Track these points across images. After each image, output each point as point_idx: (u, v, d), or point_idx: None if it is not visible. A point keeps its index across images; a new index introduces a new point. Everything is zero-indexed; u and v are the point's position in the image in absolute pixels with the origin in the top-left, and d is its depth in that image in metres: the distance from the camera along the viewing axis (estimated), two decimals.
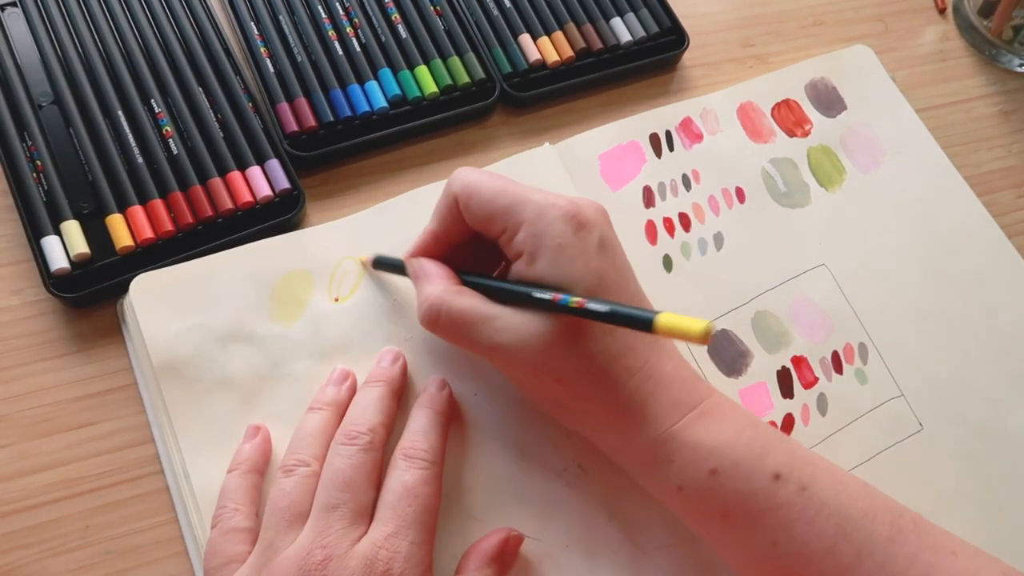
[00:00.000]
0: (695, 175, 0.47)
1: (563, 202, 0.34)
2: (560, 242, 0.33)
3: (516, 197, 0.34)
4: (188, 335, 0.38)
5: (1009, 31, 0.55)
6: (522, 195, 0.34)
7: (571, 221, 0.33)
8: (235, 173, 0.43)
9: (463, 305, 0.34)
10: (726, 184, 0.47)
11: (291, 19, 0.48)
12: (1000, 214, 0.49)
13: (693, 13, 0.54)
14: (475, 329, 0.34)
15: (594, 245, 0.33)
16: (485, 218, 0.35)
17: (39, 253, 0.40)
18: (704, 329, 0.27)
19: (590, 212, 0.34)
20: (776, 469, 0.32)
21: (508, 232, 0.34)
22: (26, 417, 0.38)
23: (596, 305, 0.30)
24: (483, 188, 0.35)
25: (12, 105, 0.43)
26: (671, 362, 0.35)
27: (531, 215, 0.33)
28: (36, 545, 0.36)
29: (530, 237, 0.33)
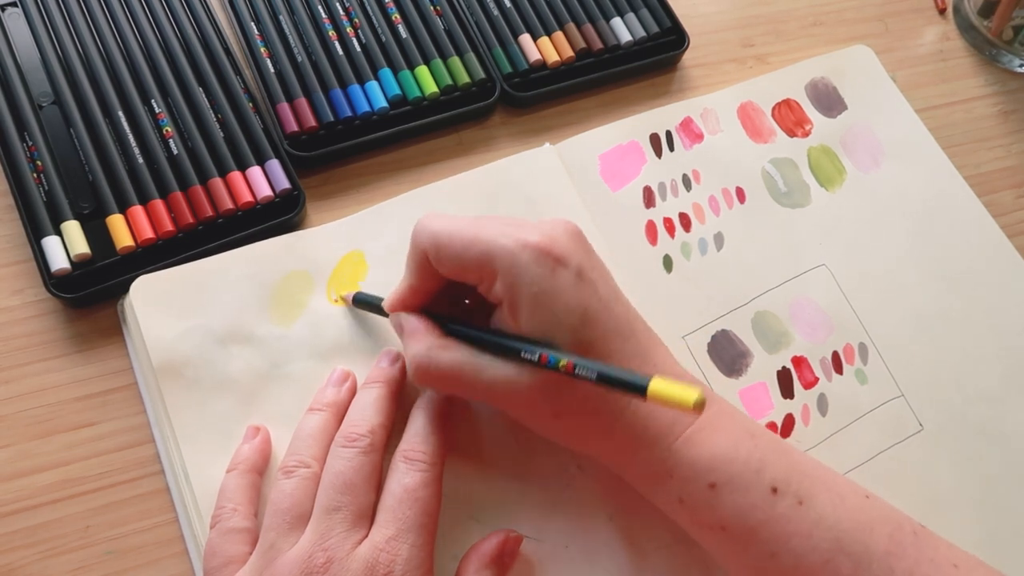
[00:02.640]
0: (695, 175, 0.47)
1: (535, 238, 0.32)
2: (536, 290, 0.32)
3: (486, 246, 0.32)
4: (188, 336, 0.38)
5: (1009, 31, 0.55)
6: (492, 243, 0.32)
7: (545, 261, 0.32)
8: (235, 173, 0.43)
9: (450, 360, 0.34)
10: (726, 184, 0.47)
11: (291, 19, 0.48)
12: (1000, 214, 0.49)
13: (693, 13, 0.54)
14: (466, 381, 0.33)
15: (571, 280, 0.32)
16: (458, 271, 0.34)
17: (39, 253, 0.40)
18: (696, 400, 0.27)
19: (564, 243, 0.33)
20: (773, 482, 0.32)
21: (484, 283, 0.33)
22: (26, 417, 0.38)
23: (585, 369, 0.30)
24: (452, 241, 0.33)
25: (12, 105, 0.43)
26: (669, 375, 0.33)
27: (504, 264, 0.32)
28: (36, 545, 0.36)
29: (506, 288, 0.32)
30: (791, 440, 0.41)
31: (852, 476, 0.41)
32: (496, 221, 0.34)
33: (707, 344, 0.43)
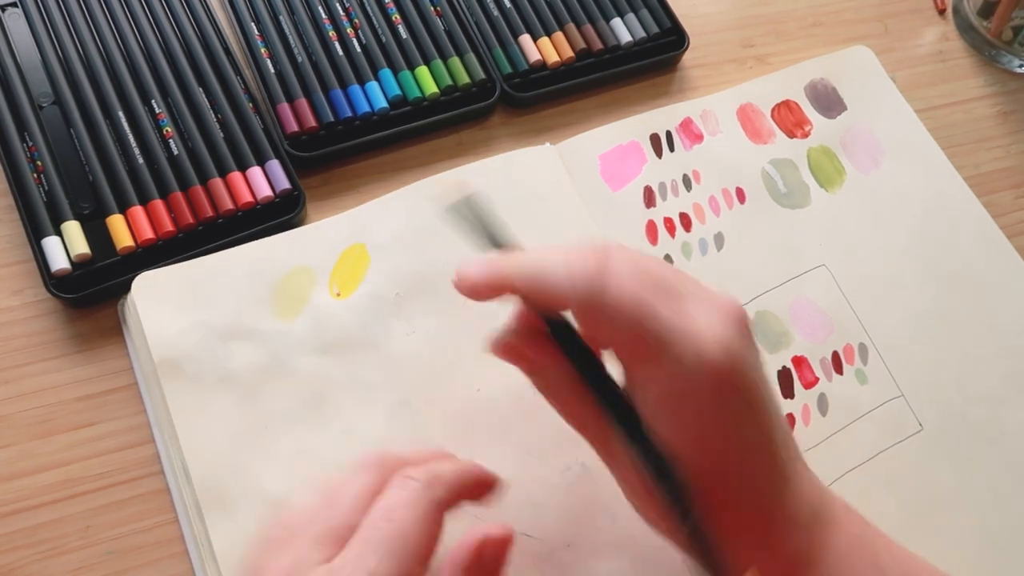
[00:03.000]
0: (695, 175, 0.47)
1: (714, 354, 0.27)
2: (688, 403, 0.28)
3: (664, 332, 0.28)
4: (190, 332, 0.38)
5: (1009, 32, 0.55)
6: (670, 331, 0.28)
7: (716, 384, 0.28)
8: (235, 173, 0.43)
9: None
10: (726, 185, 0.47)
11: (291, 19, 0.48)
12: (1000, 214, 0.50)
13: (693, 13, 0.54)
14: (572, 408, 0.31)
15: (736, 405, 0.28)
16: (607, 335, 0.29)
17: (39, 253, 0.40)
18: None
19: (740, 364, 0.28)
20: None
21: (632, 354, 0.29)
22: (26, 417, 0.38)
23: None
24: (610, 302, 0.28)
25: (12, 105, 0.43)
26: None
27: (675, 360, 0.28)
28: (36, 545, 0.36)
29: (657, 381, 0.29)
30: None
31: (852, 476, 0.41)
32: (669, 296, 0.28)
33: None
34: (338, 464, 0.37)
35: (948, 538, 0.40)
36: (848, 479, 0.41)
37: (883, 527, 0.40)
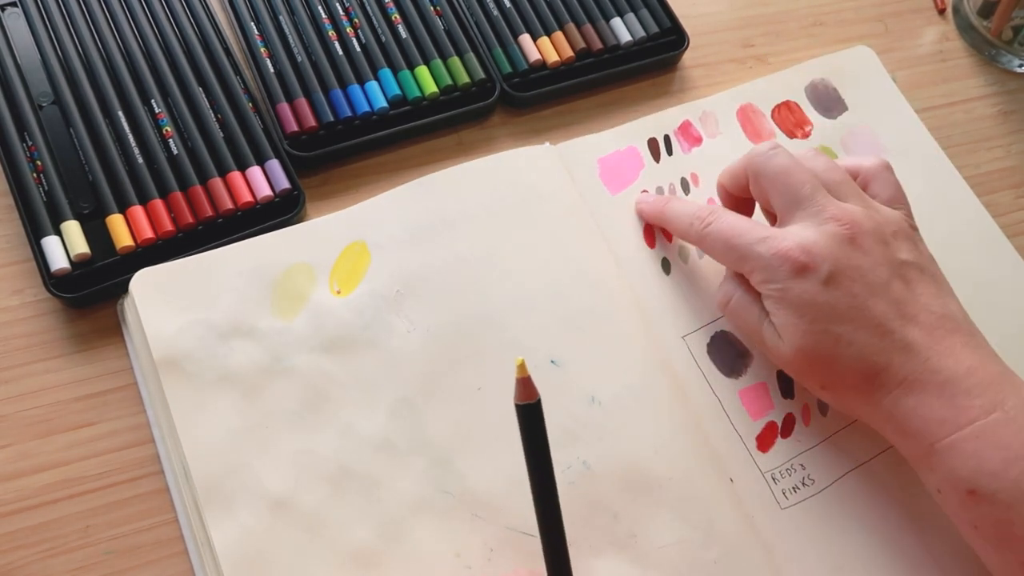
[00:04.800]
0: (694, 178, 0.47)
1: (787, 245, 0.37)
2: (781, 287, 0.37)
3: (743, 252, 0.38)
4: (189, 330, 0.38)
5: (1009, 31, 0.55)
6: (748, 249, 0.38)
7: (792, 268, 0.36)
8: (235, 173, 0.43)
9: (739, 301, 0.40)
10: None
11: (291, 19, 0.48)
12: (1000, 214, 0.50)
13: (693, 13, 0.54)
14: (750, 323, 0.40)
15: (819, 283, 0.36)
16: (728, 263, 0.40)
17: (39, 253, 0.40)
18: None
19: (819, 248, 0.36)
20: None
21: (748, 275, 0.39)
22: (26, 417, 0.38)
23: None
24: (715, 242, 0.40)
25: (12, 105, 0.43)
26: (942, 373, 0.35)
27: (756, 267, 0.38)
28: (36, 545, 0.36)
29: (760, 286, 0.38)
30: (791, 440, 0.41)
31: (852, 476, 0.41)
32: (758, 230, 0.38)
33: (707, 344, 0.43)
34: (339, 463, 0.37)
35: (948, 538, 0.40)
36: (848, 479, 0.41)
37: (883, 527, 0.40)
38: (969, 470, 0.33)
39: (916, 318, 0.36)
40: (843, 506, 0.40)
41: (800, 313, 0.36)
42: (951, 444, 0.34)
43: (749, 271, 0.38)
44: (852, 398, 0.37)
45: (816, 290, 0.36)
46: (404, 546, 0.36)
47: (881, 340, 0.36)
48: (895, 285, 0.37)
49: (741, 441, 0.41)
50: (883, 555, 0.39)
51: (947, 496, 0.35)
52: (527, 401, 0.31)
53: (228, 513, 0.36)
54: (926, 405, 0.35)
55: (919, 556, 0.39)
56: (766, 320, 0.39)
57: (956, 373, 0.35)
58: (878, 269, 0.37)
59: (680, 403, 0.41)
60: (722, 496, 0.39)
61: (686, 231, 0.42)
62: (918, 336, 0.36)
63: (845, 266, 0.36)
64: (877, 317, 0.36)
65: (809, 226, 0.37)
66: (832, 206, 0.38)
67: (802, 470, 0.41)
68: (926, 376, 0.35)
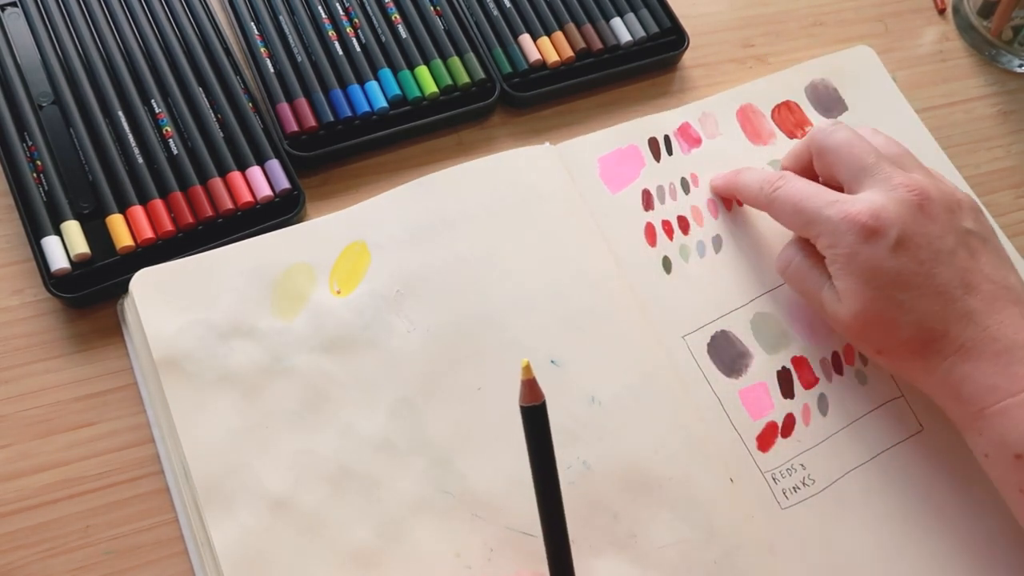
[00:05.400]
0: (694, 179, 0.47)
1: (856, 209, 0.37)
2: (848, 251, 0.37)
3: (812, 215, 0.39)
4: (189, 330, 0.38)
5: (1009, 31, 0.55)
6: (816, 213, 0.38)
7: (859, 231, 0.37)
8: (235, 173, 0.43)
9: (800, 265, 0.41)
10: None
11: (291, 19, 0.48)
12: (1000, 214, 0.50)
13: (693, 13, 0.54)
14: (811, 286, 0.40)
15: (886, 249, 0.36)
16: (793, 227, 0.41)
17: (39, 253, 0.40)
18: None
19: (888, 213, 0.37)
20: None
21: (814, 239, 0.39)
22: (26, 417, 0.38)
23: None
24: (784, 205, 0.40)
25: (12, 105, 0.43)
26: (1000, 342, 0.36)
27: (823, 231, 0.38)
28: (36, 545, 0.36)
29: (826, 250, 0.38)
30: (791, 440, 0.41)
31: (853, 476, 0.41)
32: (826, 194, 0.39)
33: (707, 344, 0.43)
34: (339, 463, 0.37)
35: (949, 539, 0.40)
36: (848, 479, 0.41)
37: (883, 527, 0.40)
38: (1019, 435, 0.34)
39: (978, 287, 0.37)
40: (843, 506, 0.40)
41: (865, 279, 0.37)
42: (1002, 410, 0.35)
43: (816, 235, 0.39)
44: (907, 362, 0.38)
45: (884, 255, 0.36)
46: (404, 546, 0.36)
47: (943, 308, 0.36)
48: (960, 253, 0.37)
49: (741, 441, 0.41)
50: (883, 555, 0.39)
51: (994, 460, 0.36)
52: (532, 403, 0.31)
53: (228, 513, 0.36)
54: (981, 371, 0.36)
55: (919, 555, 0.39)
56: (827, 284, 0.39)
57: (1014, 342, 0.36)
58: (946, 237, 0.37)
59: (680, 403, 0.41)
60: (722, 496, 0.39)
61: (756, 195, 0.42)
62: (978, 305, 0.36)
63: (914, 232, 0.37)
64: (941, 285, 0.36)
65: (878, 192, 0.38)
66: (899, 175, 0.38)
67: (802, 470, 0.41)
68: (984, 344, 0.36)
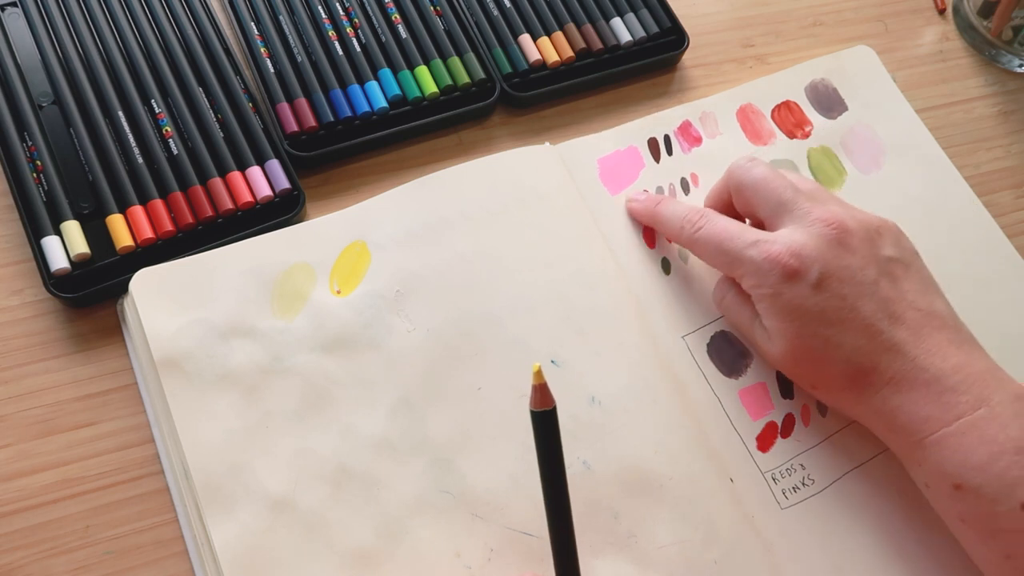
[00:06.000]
0: (694, 179, 0.47)
1: (776, 250, 0.37)
2: (772, 291, 0.37)
3: (735, 256, 0.38)
4: (189, 330, 0.38)
5: (1009, 31, 0.55)
6: (739, 253, 0.38)
7: (783, 272, 0.37)
8: (235, 173, 0.43)
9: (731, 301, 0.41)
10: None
11: (291, 19, 0.48)
12: (1000, 214, 0.50)
13: (693, 13, 0.54)
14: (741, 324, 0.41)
15: (809, 287, 0.36)
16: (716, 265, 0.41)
17: (39, 253, 0.40)
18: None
19: (808, 252, 0.37)
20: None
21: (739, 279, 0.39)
22: (26, 417, 0.38)
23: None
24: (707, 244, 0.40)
25: (12, 105, 0.43)
26: (929, 371, 0.35)
27: (747, 272, 0.38)
28: (36, 545, 0.36)
29: (752, 289, 0.38)
30: (791, 440, 0.41)
31: (852, 476, 0.41)
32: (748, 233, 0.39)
33: (706, 344, 0.43)
34: (339, 463, 0.37)
35: (948, 537, 0.40)
36: (848, 479, 0.41)
37: (883, 527, 0.40)
38: (955, 464, 0.34)
39: (903, 316, 0.37)
40: (843, 506, 0.40)
41: (790, 317, 0.37)
42: (938, 440, 0.35)
43: (740, 275, 0.39)
44: (842, 397, 0.38)
45: (806, 294, 0.37)
46: (404, 546, 0.36)
47: (869, 341, 0.36)
48: (882, 284, 0.37)
49: (741, 441, 0.41)
50: (883, 555, 0.39)
51: (935, 490, 0.36)
52: (543, 408, 0.31)
53: (228, 513, 0.36)
54: (913, 402, 0.35)
55: (919, 556, 0.39)
56: (757, 321, 0.40)
57: (943, 371, 0.35)
58: (867, 268, 0.37)
59: (680, 403, 0.41)
60: (722, 496, 0.39)
61: (677, 234, 0.42)
62: (905, 335, 0.36)
63: (835, 268, 0.37)
64: (866, 318, 0.36)
65: (797, 229, 0.38)
66: (817, 208, 0.38)
67: (802, 470, 0.41)
68: (913, 374, 0.36)
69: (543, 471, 0.32)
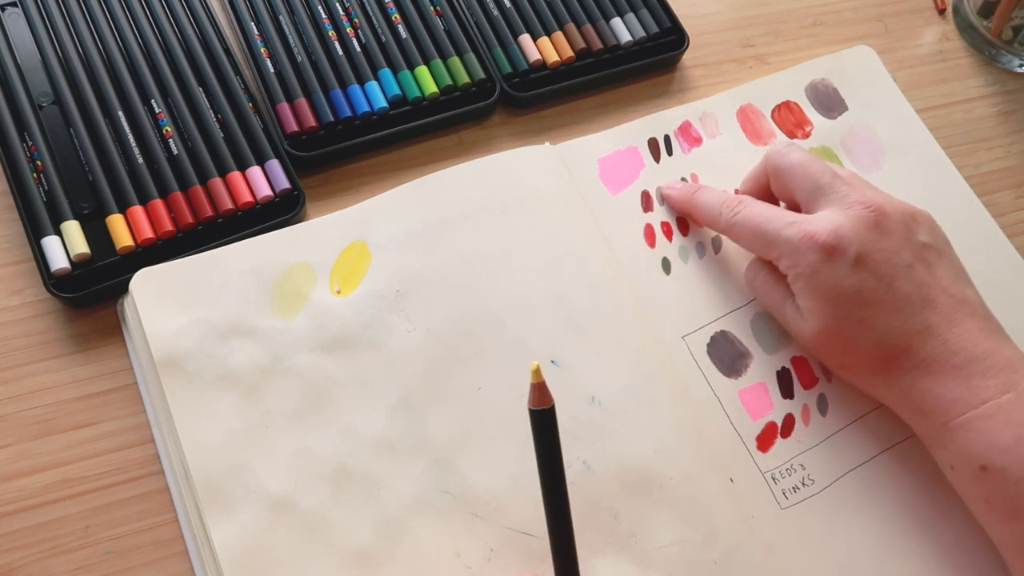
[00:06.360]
0: (694, 179, 0.47)
1: (816, 228, 0.37)
2: (809, 271, 0.38)
3: (773, 237, 0.39)
4: (189, 329, 0.38)
5: (1009, 31, 0.55)
6: (776, 233, 0.39)
7: (821, 251, 0.37)
8: (235, 173, 0.43)
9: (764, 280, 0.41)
10: (726, 187, 0.47)
11: (291, 19, 0.48)
12: (1000, 214, 0.50)
13: (693, 13, 0.54)
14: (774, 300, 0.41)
15: (847, 266, 0.37)
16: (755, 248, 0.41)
17: (39, 253, 0.40)
18: None
19: (846, 231, 0.37)
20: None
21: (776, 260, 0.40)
22: (26, 417, 0.38)
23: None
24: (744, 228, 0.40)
25: (12, 105, 0.43)
26: (959, 355, 0.36)
27: (784, 252, 0.38)
28: (36, 545, 0.36)
29: (788, 269, 0.39)
30: (791, 440, 0.41)
31: (852, 476, 0.41)
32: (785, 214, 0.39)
33: (707, 345, 0.43)
34: (338, 463, 0.37)
35: (948, 539, 0.40)
36: (848, 479, 0.41)
37: (883, 527, 0.40)
38: (981, 446, 0.35)
39: (935, 301, 0.37)
40: (843, 506, 0.40)
41: (826, 297, 0.37)
42: (965, 422, 0.35)
43: (777, 256, 0.39)
44: (869, 378, 0.39)
45: (843, 273, 0.37)
46: (404, 546, 0.36)
47: (902, 323, 0.37)
48: (917, 268, 0.38)
49: (741, 441, 0.41)
50: (883, 555, 0.39)
51: (959, 472, 0.36)
52: (541, 406, 0.31)
53: (228, 513, 0.36)
54: (942, 385, 0.36)
55: (919, 555, 0.39)
56: (789, 301, 0.40)
57: (973, 355, 0.36)
58: (902, 251, 0.38)
59: (680, 403, 0.41)
60: (722, 496, 0.39)
61: (714, 220, 0.42)
62: (937, 319, 0.37)
63: (872, 249, 0.37)
64: (900, 300, 0.37)
65: (836, 211, 0.38)
66: (854, 192, 0.39)
67: (802, 470, 0.41)
68: (944, 358, 0.36)
69: (542, 470, 0.32)
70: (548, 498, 0.32)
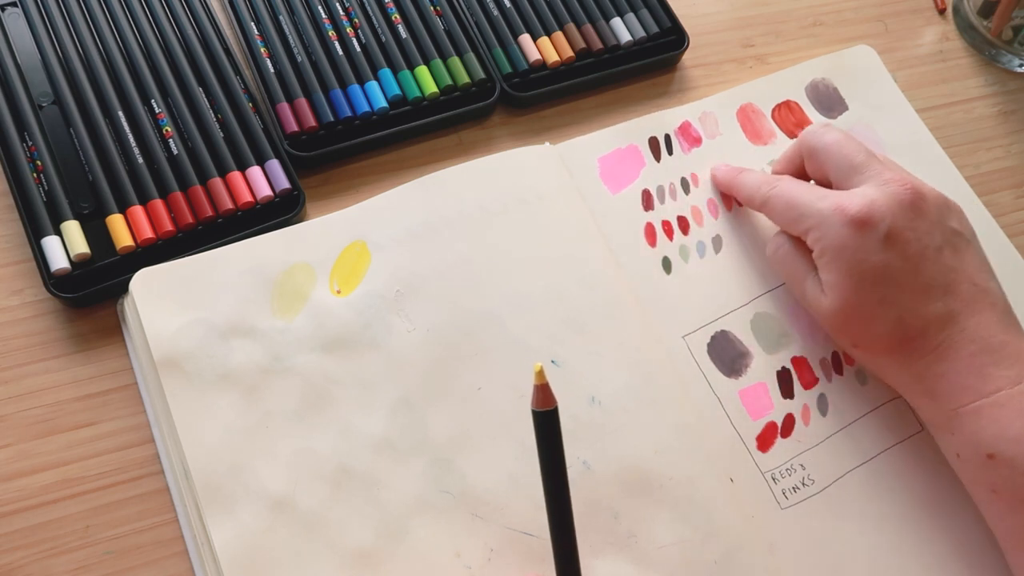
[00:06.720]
0: (694, 179, 0.47)
1: (849, 201, 0.37)
2: (838, 243, 0.37)
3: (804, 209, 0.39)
4: (189, 329, 0.38)
5: (1009, 31, 0.55)
6: (808, 206, 0.39)
7: (851, 223, 0.37)
8: (235, 173, 0.43)
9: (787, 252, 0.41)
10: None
11: (291, 19, 0.48)
12: (1000, 214, 0.50)
13: (693, 13, 0.54)
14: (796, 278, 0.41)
15: (877, 240, 0.36)
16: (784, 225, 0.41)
17: (39, 253, 0.40)
18: None
19: (879, 207, 0.37)
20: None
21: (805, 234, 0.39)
22: (26, 417, 0.38)
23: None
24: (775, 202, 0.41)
25: (12, 105, 0.43)
26: (976, 344, 0.36)
27: (816, 223, 0.38)
28: (36, 545, 0.36)
29: (816, 242, 0.38)
30: (791, 440, 0.41)
31: (852, 476, 0.41)
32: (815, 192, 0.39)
33: (707, 344, 0.43)
34: (339, 463, 0.37)
35: (948, 539, 0.40)
36: (848, 479, 0.41)
37: (883, 527, 0.40)
38: (991, 435, 0.35)
39: (959, 288, 0.37)
40: (843, 506, 0.40)
41: (850, 272, 0.37)
42: (975, 409, 0.35)
43: (807, 228, 0.39)
44: (883, 357, 0.38)
45: (872, 248, 0.37)
46: (404, 546, 0.36)
47: (923, 306, 0.37)
48: (946, 252, 0.38)
49: (741, 441, 0.41)
50: (882, 555, 0.39)
51: (965, 460, 0.36)
52: (545, 408, 0.31)
53: (228, 513, 0.36)
54: (956, 372, 0.36)
55: (918, 555, 0.39)
56: (811, 275, 0.40)
57: (990, 345, 0.36)
58: (933, 233, 0.38)
59: (680, 403, 0.41)
60: (722, 496, 0.39)
61: (752, 195, 0.43)
62: (958, 306, 0.37)
63: (903, 227, 0.37)
64: (924, 283, 0.37)
65: (871, 187, 0.38)
66: (890, 171, 0.39)
67: (802, 470, 0.41)
68: (960, 344, 0.36)
69: (544, 471, 0.32)
70: (550, 499, 0.32)
